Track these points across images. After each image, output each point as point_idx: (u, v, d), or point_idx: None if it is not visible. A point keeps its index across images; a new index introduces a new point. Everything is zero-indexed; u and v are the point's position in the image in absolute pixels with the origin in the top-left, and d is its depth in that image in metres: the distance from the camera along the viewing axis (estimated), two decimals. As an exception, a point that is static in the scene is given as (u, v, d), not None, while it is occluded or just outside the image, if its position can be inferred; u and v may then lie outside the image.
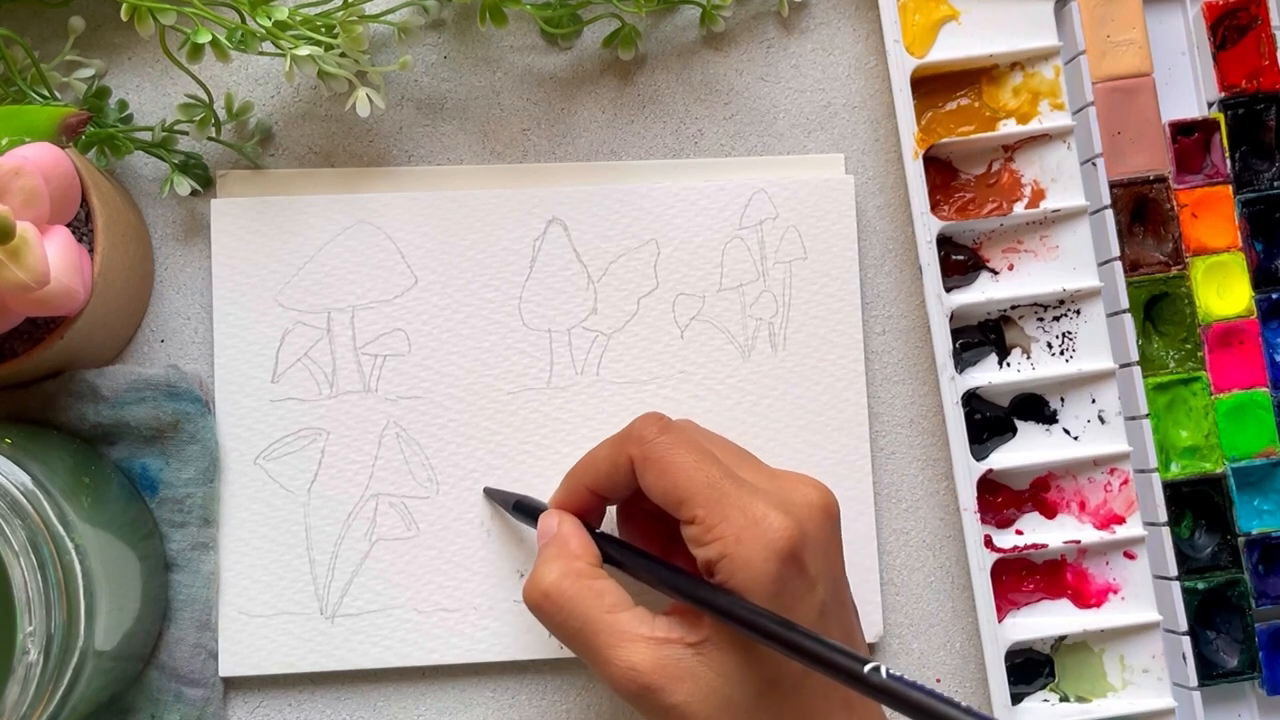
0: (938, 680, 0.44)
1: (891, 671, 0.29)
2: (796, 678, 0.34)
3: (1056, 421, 0.44)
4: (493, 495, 0.43)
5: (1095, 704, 0.43)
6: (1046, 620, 0.43)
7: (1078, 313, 0.44)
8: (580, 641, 0.35)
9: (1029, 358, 0.44)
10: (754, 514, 0.33)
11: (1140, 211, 0.44)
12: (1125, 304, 0.43)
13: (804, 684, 0.34)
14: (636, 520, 0.40)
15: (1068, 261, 0.44)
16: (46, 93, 0.41)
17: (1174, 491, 0.43)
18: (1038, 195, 0.44)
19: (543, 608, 0.36)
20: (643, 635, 0.34)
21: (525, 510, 0.41)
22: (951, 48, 0.44)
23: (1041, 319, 0.44)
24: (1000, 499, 0.44)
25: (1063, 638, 0.43)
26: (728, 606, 0.33)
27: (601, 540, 0.38)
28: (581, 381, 0.43)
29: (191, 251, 0.44)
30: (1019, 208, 0.44)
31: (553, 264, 0.44)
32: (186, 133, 0.43)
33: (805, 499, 0.35)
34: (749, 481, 0.35)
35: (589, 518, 0.39)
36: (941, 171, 0.45)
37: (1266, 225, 0.44)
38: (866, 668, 0.29)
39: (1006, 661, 0.42)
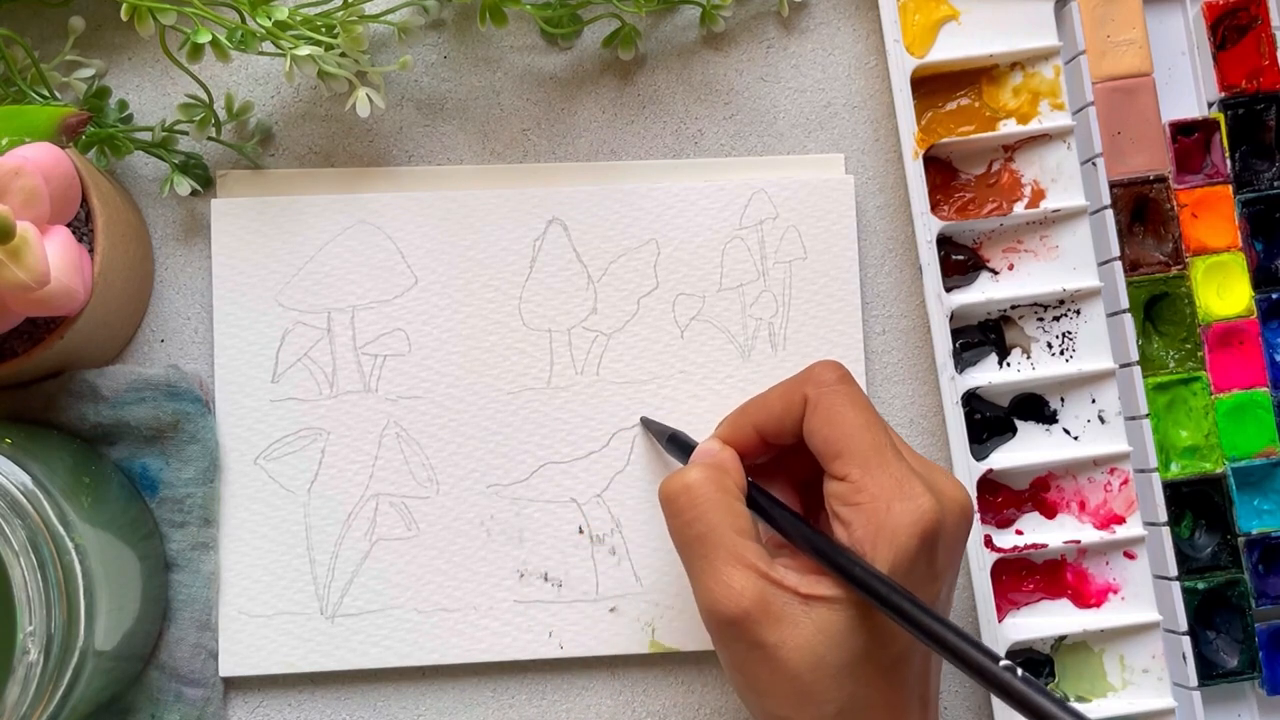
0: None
1: (1024, 674, 0.29)
2: (889, 661, 0.33)
3: (1056, 421, 0.44)
4: (649, 425, 0.43)
5: (1095, 704, 0.43)
6: (1046, 620, 0.43)
7: (1078, 313, 0.44)
8: (696, 548, 0.34)
9: (1029, 358, 0.44)
10: (909, 488, 0.33)
11: (1140, 211, 0.44)
12: (1125, 304, 0.43)
13: (894, 669, 0.34)
14: (775, 487, 0.39)
15: (1068, 261, 0.44)
16: (46, 93, 0.41)
17: (1174, 491, 0.43)
18: (1038, 195, 0.44)
19: (678, 500, 0.35)
20: (760, 568, 0.33)
21: (680, 446, 0.40)
22: (951, 48, 0.44)
23: (1041, 319, 0.44)
24: (1000, 499, 0.44)
25: (1063, 638, 0.43)
26: (866, 577, 0.32)
27: (752, 485, 0.37)
28: (581, 381, 0.43)
29: (191, 251, 0.44)
30: (1019, 208, 0.44)
31: (553, 264, 0.44)
32: (186, 133, 0.43)
33: (952, 493, 0.35)
34: (905, 458, 0.35)
35: (747, 458, 0.38)
36: (941, 171, 0.45)
37: (1266, 225, 0.44)
38: (1001, 664, 0.29)
39: (1006, 661, 0.42)
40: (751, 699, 0.35)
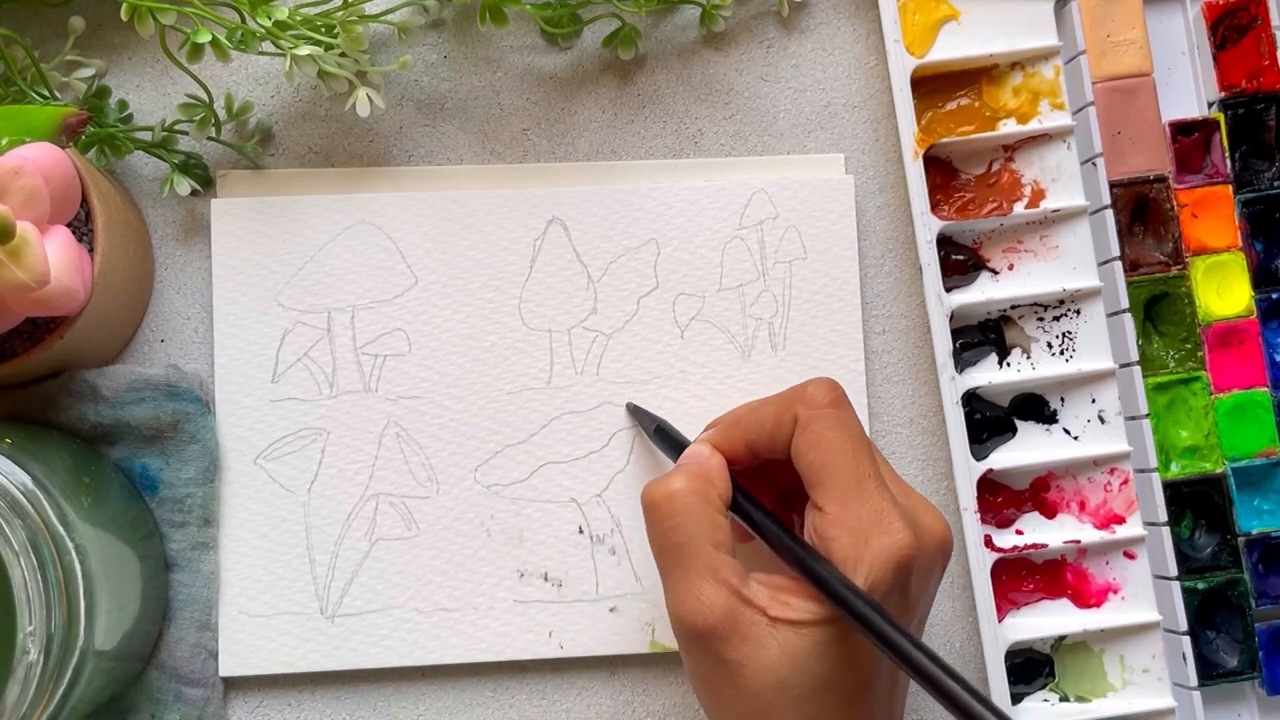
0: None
1: (997, 708, 0.29)
2: (851, 687, 0.33)
3: (1056, 421, 0.44)
4: (635, 414, 0.42)
5: (1095, 704, 0.43)
6: (1046, 620, 0.43)
7: (1078, 313, 0.44)
8: (672, 557, 0.35)
9: (1029, 358, 0.44)
10: (887, 522, 0.33)
11: (1140, 211, 0.44)
12: (1125, 304, 0.43)
13: (857, 695, 0.33)
14: (759, 486, 0.39)
15: (1068, 261, 0.44)
16: (46, 93, 0.41)
17: (1174, 491, 0.43)
18: (1038, 195, 0.44)
19: (659, 508, 0.35)
20: (732, 584, 0.34)
21: (666, 438, 0.40)
22: (951, 48, 0.44)
23: (1041, 319, 0.44)
24: (1000, 499, 0.44)
25: (1062, 637, 0.43)
26: (843, 591, 0.32)
27: (740, 493, 0.37)
28: (581, 381, 0.43)
29: (191, 251, 0.44)
30: (1019, 208, 0.44)
31: (553, 264, 0.44)
32: (186, 133, 0.43)
33: (930, 525, 0.35)
34: (889, 489, 0.35)
35: (735, 464, 0.38)
36: (941, 171, 0.45)
37: (1266, 225, 0.44)
38: (972, 693, 0.29)
39: (1006, 661, 0.42)
40: (712, 711, 0.35)
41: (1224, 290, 0.44)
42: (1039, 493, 0.44)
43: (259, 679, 0.42)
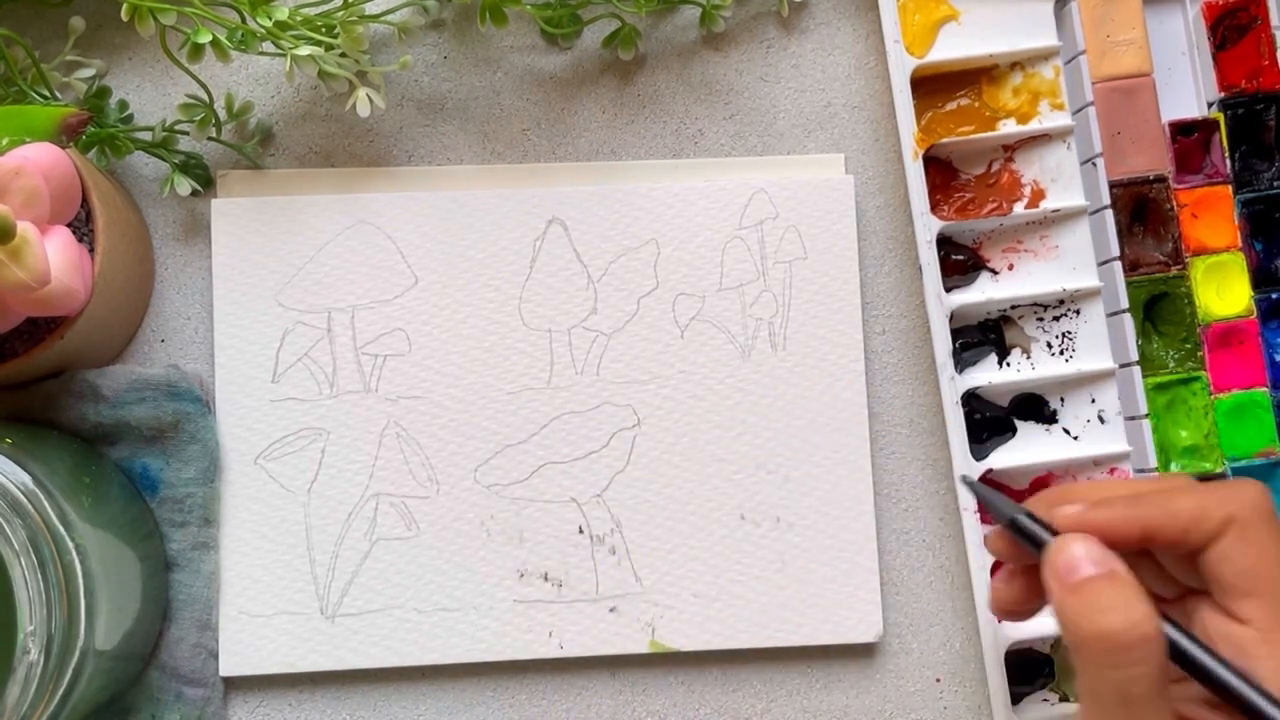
0: (938, 680, 0.44)
1: None
2: None
3: (1056, 421, 0.44)
4: (977, 491, 0.35)
5: (1095, 704, 0.43)
6: (1046, 620, 0.43)
7: (1077, 313, 0.44)
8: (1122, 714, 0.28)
9: (1029, 358, 0.44)
10: None
11: (1140, 211, 0.44)
12: (1125, 304, 0.43)
13: None
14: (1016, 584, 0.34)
15: (1068, 261, 0.44)
16: (47, 93, 0.41)
17: (1174, 491, 0.43)
18: (1038, 195, 0.44)
19: (1132, 650, 0.28)
20: None
21: (1025, 532, 0.32)
22: (951, 48, 0.44)
23: (1041, 319, 0.44)
24: (1000, 499, 0.44)
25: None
26: None
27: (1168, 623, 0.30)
28: (581, 381, 0.43)
29: (192, 251, 0.44)
30: (1019, 208, 0.44)
31: (553, 264, 0.44)
32: (187, 133, 0.43)
33: None
34: None
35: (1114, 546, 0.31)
36: (941, 171, 0.45)
37: (1266, 225, 0.44)
38: None
39: (1006, 661, 0.42)
40: None
41: (1224, 290, 0.44)
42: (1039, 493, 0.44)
43: (259, 679, 0.42)
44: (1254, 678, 0.29)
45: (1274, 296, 0.44)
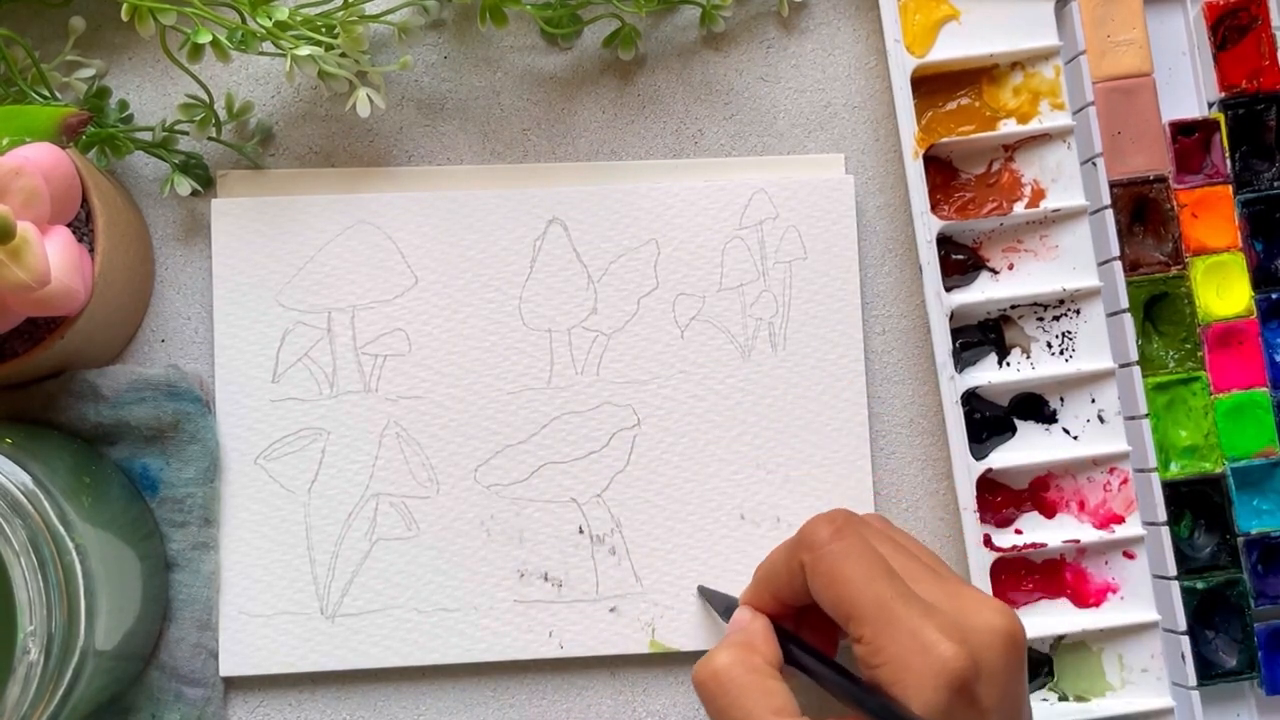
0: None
1: None
2: None
3: (1056, 421, 0.44)
4: (706, 596, 0.42)
5: (1094, 703, 0.43)
6: (1045, 620, 0.43)
7: (1077, 312, 0.44)
8: None
9: (1029, 357, 0.44)
10: (924, 640, 0.32)
11: (1140, 211, 0.44)
12: (1125, 304, 0.43)
13: None
14: (817, 622, 0.39)
15: (1068, 261, 0.44)
16: (47, 93, 0.41)
17: (1173, 491, 0.43)
18: (1038, 195, 0.44)
19: (708, 686, 0.35)
20: None
21: (717, 600, 0.41)
22: (951, 47, 0.44)
23: (1041, 319, 0.44)
24: (1000, 498, 0.44)
25: (1061, 637, 0.43)
26: None
27: (790, 642, 0.37)
28: (581, 381, 0.43)
29: (192, 251, 0.44)
30: (1019, 207, 0.44)
31: (553, 264, 0.44)
32: (187, 133, 0.43)
33: (987, 624, 0.33)
34: (923, 601, 0.33)
35: (779, 619, 0.38)
36: (941, 171, 0.45)
37: (1266, 225, 0.44)
38: None
39: (1006, 661, 0.42)
40: None
41: (1224, 290, 0.44)
42: (1038, 492, 0.44)
43: (259, 679, 0.42)
44: (849, 671, 0.34)
45: (1274, 296, 0.44)
